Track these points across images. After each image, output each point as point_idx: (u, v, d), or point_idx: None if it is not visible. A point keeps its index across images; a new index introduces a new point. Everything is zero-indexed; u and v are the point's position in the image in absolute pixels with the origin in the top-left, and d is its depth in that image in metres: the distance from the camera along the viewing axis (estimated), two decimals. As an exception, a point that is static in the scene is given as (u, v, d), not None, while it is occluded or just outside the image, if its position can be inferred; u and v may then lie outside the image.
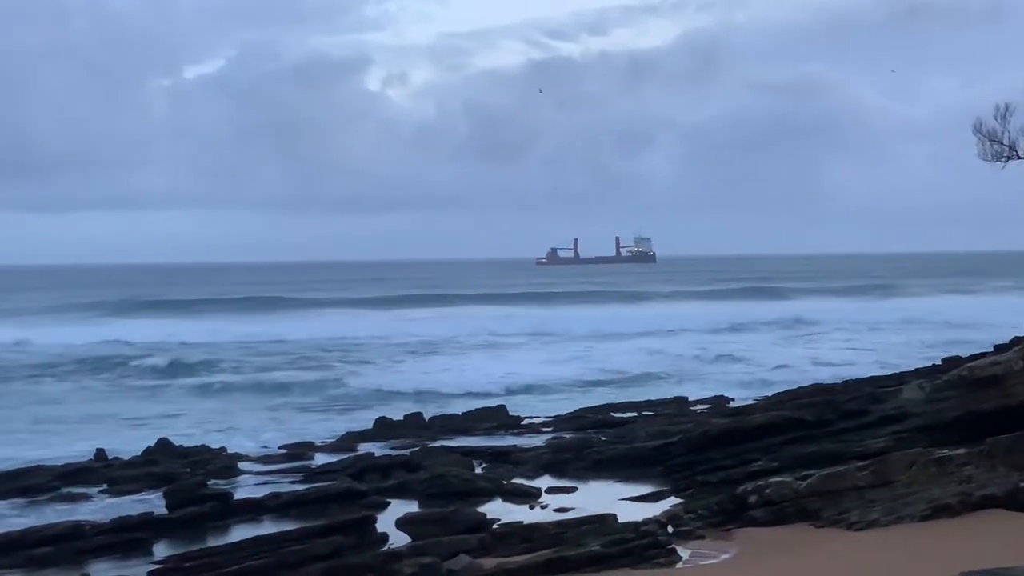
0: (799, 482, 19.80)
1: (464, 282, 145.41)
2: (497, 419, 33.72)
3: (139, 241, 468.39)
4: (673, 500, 22.15)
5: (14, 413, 38.66)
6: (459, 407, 36.91)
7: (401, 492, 23.71)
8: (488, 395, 40.52)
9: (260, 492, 23.78)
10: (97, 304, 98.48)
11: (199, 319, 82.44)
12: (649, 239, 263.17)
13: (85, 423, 36.22)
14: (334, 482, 23.98)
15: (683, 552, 17.90)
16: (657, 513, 20.46)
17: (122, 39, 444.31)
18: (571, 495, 23.59)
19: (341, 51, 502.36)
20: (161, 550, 20.03)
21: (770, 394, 35.56)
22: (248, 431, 33.62)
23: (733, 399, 36.88)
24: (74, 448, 30.30)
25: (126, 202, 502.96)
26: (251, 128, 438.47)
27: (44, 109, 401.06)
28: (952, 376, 23.32)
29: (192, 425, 35.09)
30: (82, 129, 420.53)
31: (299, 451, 29.45)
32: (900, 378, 30.02)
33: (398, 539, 19.47)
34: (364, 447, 29.86)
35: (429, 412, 34.94)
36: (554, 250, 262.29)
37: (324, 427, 33.94)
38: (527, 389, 43.18)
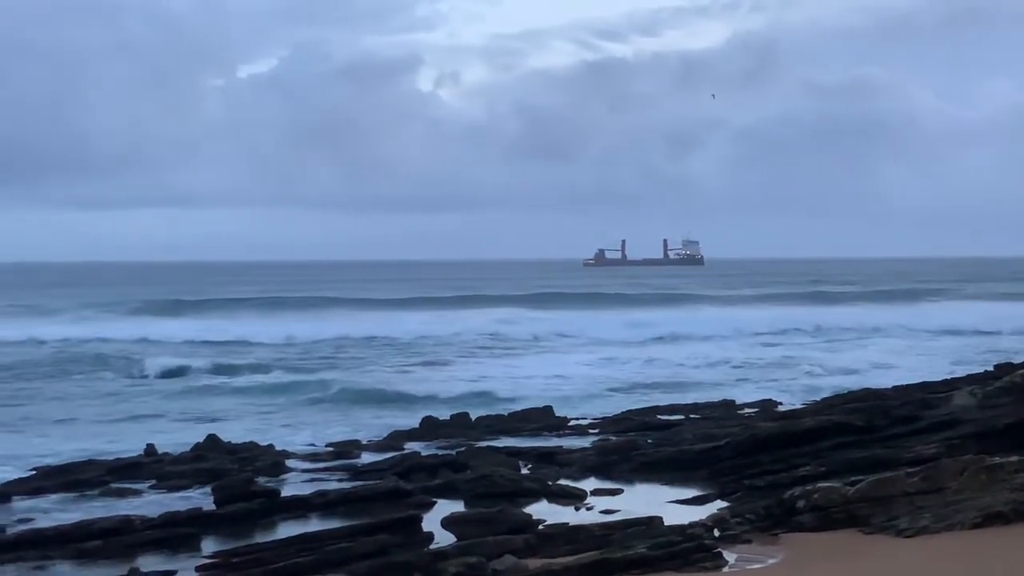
0: (848, 487, 19.62)
1: (513, 283, 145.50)
2: (543, 420, 33.69)
3: (192, 239, 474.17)
4: (720, 504, 22.01)
5: (73, 408, 39.14)
6: (505, 408, 36.89)
7: (447, 492, 23.72)
8: (534, 396, 40.41)
9: (307, 489, 23.88)
10: (151, 301, 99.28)
11: (248, 316, 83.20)
12: (697, 242, 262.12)
13: (135, 418, 36.58)
14: (380, 481, 24.06)
15: (729, 556, 17.79)
16: (703, 517, 20.33)
17: (176, 39, 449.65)
18: (617, 497, 23.51)
19: (392, 51, 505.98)
20: (209, 545, 20.20)
21: (819, 398, 35.24)
22: (295, 429, 33.82)
23: (781, 403, 36.63)
24: (124, 443, 30.64)
25: (179, 200, 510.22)
26: (303, 127, 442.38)
27: (98, 108, 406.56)
28: (1004, 382, 23.04)
29: (240, 422, 35.34)
30: (136, 128, 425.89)
31: (346, 449, 29.58)
32: (952, 384, 29.66)
33: (444, 538, 19.48)
34: (410, 446, 29.93)
35: (475, 412, 34.94)
36: (602, 251, 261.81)
37: (370, 426, 34.04)
38: (573, 390, 43.09)
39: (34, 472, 26.45)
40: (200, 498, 23.40)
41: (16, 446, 30.79)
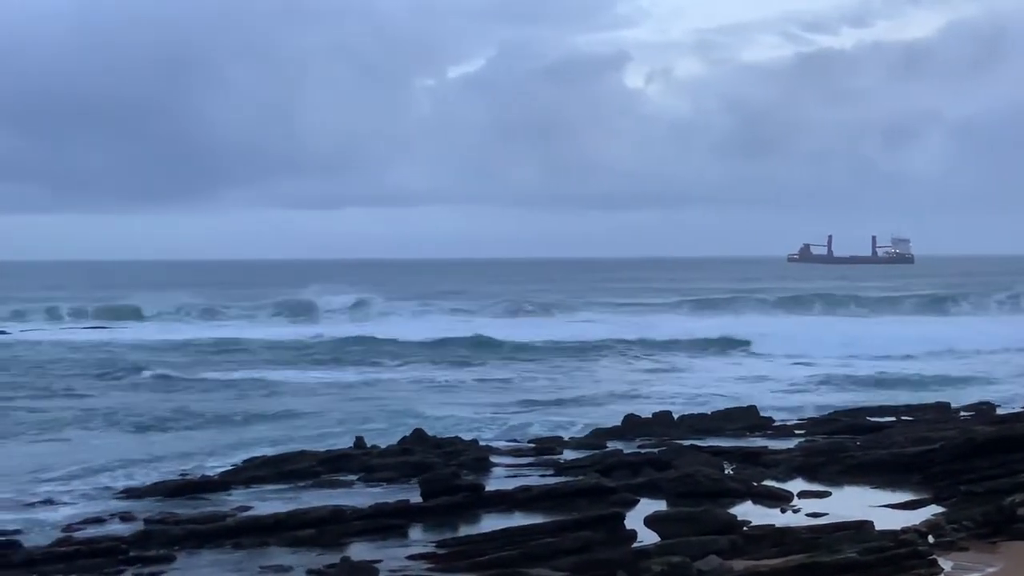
0: (1074, 495, 18.66)
1: (721, 282, 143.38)
2: (747, 420, 33.15)
3: (402, 237, 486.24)
4: (934, 509, 21.30)
5: (293, 400, 40.65)
6: (705, 407, 36.47)
7: (650, 490, 23.56)
8: (736, 396, 39.86)
9: (510, 484, 24.10)
10: (363, 300, 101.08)
11: (456, 314, 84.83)
12: (908, 240, 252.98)
13: (348, 411, 37.63)
14: (583, 477, 24.12)
15: (945, 564, 17.19)
16: (917, 522, 19.73)
17: (391, 41, 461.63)
18: (824, 500, 22.94)
19: (598, 48, 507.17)
20: (416, 536, 20.66)
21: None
22: (498, 424, 34.19)
23: (1000, 406, 35.09)
24: (335, 436, 31.65)
25: (390, 199, 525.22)
26: (510, 126, 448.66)
27: (316, 109, 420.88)
28: None
29: (445, 416, 35.92)
30: (351, 128, 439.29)
31: (548, 446, 29.76)
32: None
33: (646, 537, 19.39)
34: (612, 444, 29.90)
35: (676, 411, 34.67)
36: (807, 246, 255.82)
37: (572, 423, 34.13)
38: (778, 391, 42.40)
39: (248, 462, 27.52)
40: (407, 490, 23.91)
41: (231, 435, 32.29)
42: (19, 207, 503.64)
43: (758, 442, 30.05)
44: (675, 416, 33.61)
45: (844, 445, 27.44)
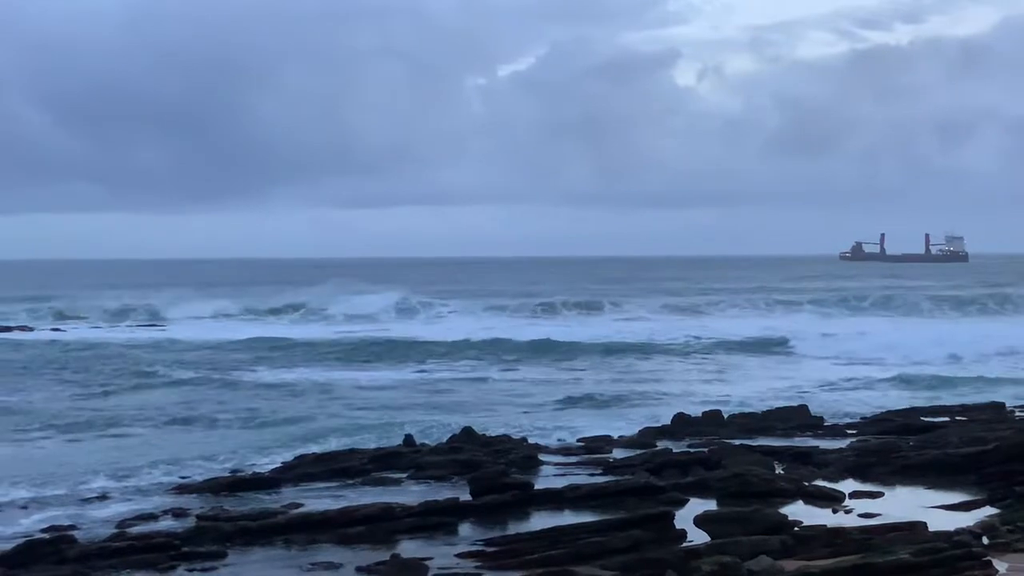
0: None
1: (773, 280, 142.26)
2: (798, 419, 32.90)
3: (453, 235, 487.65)
4: (988, 510, 21.04)
5: (344, 400, 40.85)
6: (756, 406, 36.27)
7: (699, 489, 23.44)
8: (786, 396, 39.61)
9: (559, 483, 24.08)
10: (414, 298, 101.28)
11: (506, 312, 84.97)
12: (961, 238, 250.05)
13: (397, 409, 37.76)
14: (632, 476, 24.05)
15: (1000, 565, 16.97)
16: (971, 523, 19.51)
17: (440, 40, 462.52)
18: (877, 500, 22.74)
19: (648, 46, 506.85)
20: (465, 533, 20.69)
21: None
22: (547, 423, 34.16)
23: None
24: (384, 433, 31.76)
25: (442, 198, 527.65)
26: (561, 124, 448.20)
27: (369, 108, 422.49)
28: None
29: (493, 414, 35.97)
30: (402, 127, 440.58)
31: (597, 445, 29.71)
32: None
33: (696, 536, 19.30)
34: (662, 443, 29.78)
35: (727, 410, 34.48)
36: (859, 244, 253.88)
37: (621, 422, 34.05)
38: (829, 390, 42.07)
39: (299, 460, 27.66)
40: (456, 488, 23.96)
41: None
42: (73, 206, 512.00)
43: (809, 442, 29.80)
44: (725, 415, 33.44)
45: (897, 445, 27.18)
